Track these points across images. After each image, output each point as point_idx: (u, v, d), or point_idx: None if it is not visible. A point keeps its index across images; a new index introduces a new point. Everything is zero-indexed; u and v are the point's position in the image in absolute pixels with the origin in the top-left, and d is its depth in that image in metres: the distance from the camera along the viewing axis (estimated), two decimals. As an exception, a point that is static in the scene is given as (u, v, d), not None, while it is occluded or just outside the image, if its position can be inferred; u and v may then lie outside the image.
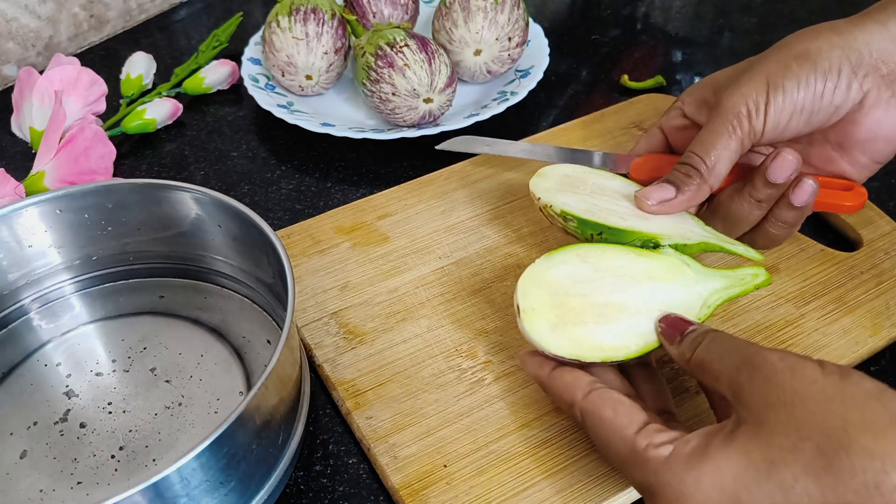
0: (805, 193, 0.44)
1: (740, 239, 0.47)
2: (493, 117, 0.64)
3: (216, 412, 0.44)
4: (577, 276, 0.41)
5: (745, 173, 0.45)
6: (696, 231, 0.45)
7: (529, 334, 0.40)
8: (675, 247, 0.43)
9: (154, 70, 0.68)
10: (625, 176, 0.50)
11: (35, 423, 0.44)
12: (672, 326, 0.39)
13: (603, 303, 0.41)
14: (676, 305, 0.41)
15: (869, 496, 0.29)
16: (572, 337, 0.39)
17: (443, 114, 0.61)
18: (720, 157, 0.43)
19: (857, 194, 0.46)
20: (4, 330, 0.48)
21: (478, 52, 0.63)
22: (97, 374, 0.46)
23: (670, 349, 0.39)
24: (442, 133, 0.61)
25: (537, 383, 0.41)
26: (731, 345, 0.36)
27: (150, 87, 0.68)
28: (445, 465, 0.41)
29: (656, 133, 0.51)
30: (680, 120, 0.49)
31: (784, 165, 0.43)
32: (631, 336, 0.40)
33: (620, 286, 0.41)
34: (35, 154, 0.58)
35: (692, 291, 0.41)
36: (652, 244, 0.43)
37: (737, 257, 0.45)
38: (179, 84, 0.68)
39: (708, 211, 0.47)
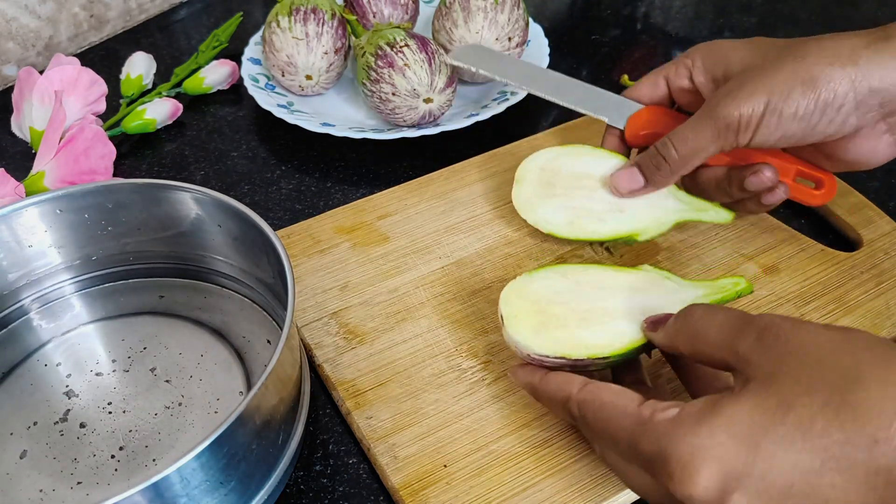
0: (775, 198, 0.47)
1: None
2: (493, 117, 0.64)
3: (216, 412, 0.44)
4: (558, 289, 0.42)
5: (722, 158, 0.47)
6: (671, 206, 0.48)
7: (514, 337, 0.40)
8: (650, 240, 0.49)
9: (154, 70, 0.68)
10: (621, 134, 0.51)
11: (35, 423, 0.44)
12: (657, 322, 0.40)
13: (585, 309, 0.41)
14: (658, 310, 0.41)
15: (890, 422, 0.29)
16: (556, 337, 0.40)
17: (443, 114, 0.61)
18: (695, 156, 0.45)
19: (828, 191, 0.48)
20: (4, 330, 0.48)
21: (478, 52, 0.63)
22: (97, 374, 0.46)
23: (656, 336, 0.39)
24: (442, 133, 0.61)
25: (530, 392, 0.41)
26: (727, 315, 0.36)
27: (150, 87, 0.68)
28: (445, 465, 0.41)
29: (661, 84, 0.51)
30: (686, 82, 0.49)
31: (762, 182, 0.46)
32: (615, 335, 0.40)
33: (602, 296, 0.42)
34: (35, 154, 0.58)
35: (674, 299, 0.42)
36: (631, 241, 0.49)
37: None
38: (179, 84, 0.68)
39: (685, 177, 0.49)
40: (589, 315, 0.41)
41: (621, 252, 0.52)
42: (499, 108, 0.61)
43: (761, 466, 0.30)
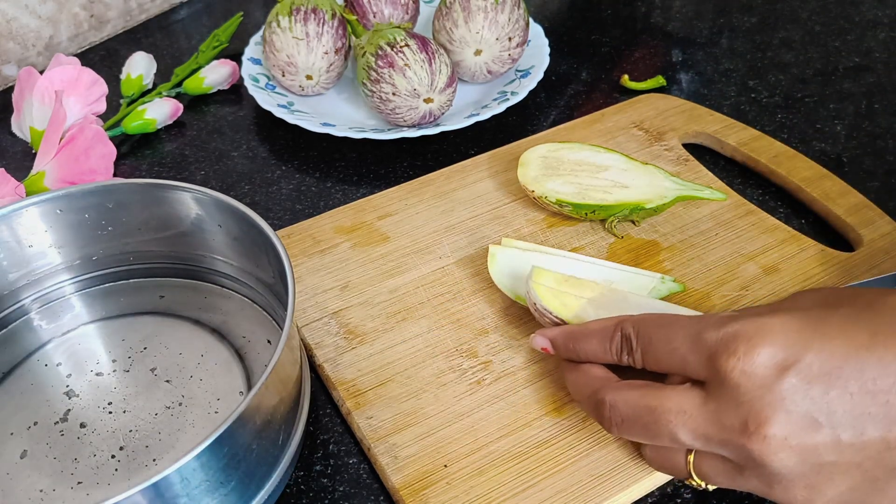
0: None
1: None
2: (494, 117, 0.64)
3: (216, 412, 0.44)
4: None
5: None
6: (669, 187, 0.52)
7: (535, 293, 0.43)
8: (657, 209, 0.51)
9: (154, 70, 0.69)
10: None
11: (35, 423, 0.44)
12: None
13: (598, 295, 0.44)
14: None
15: None
16: (570, 305, 0.43)
17: (443, 114, 0.61)
18: None
19: None
20: (4, 330, 0.48)
21: (478, 52, 0.63)
22: (97, 374, 0.46)
23: None
24: (442, 133, 0.61)
25: (564, 338, 0.41)
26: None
27: (150, 87, 0.68)
28: (446, 465, 0.41)
29: None
30: None
31: None
32: None
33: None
34: (35, 154, 0.58)
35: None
36: (639, 209, 0.51)
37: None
38: (180, 84, 0.68)
39: None
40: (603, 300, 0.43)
41: (620, 251, 0.52)
42: (499, 108, 0.61)
43: (818, 344, 0.32)
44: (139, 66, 0.67)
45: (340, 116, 0.64)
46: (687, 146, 0.60)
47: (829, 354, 0.32)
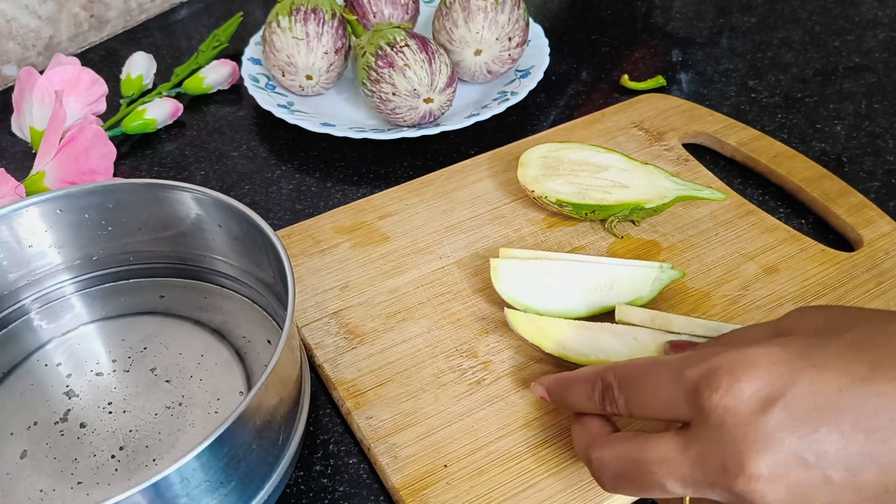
0: None
1: None
2: (494, 117, 0.64)
3: (216, 412, 0.44)
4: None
5: None
6: (669, 187, 0.52)
7: (511, 320, 0.44)
8: (657, 208, 0.51)
9: (154, 70, 0.69)
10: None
11: (35, 423, 0.44)
12: (681, 346, 0.41)
13: (579, 324, 0.44)
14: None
15: None
16: (549, 332, 0.43)
17: (443, 114, 0.61)
18: None
19: None
20: (4, 330, 0.48)
21: (478, 52, 0.63)
22: (97, 374, 0.46)
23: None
24: (442, 133, 0.61)
25: (555, 386, 0.39)
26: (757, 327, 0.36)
27: (150, 87, 0.68)
28: (445, 465, 0.41)
29: None
30: None
31: None
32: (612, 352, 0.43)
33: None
34: (35, 154, 0.58)
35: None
36: (639, 209, 0.51)
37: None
38: (180, 84, 0.68)
39: None
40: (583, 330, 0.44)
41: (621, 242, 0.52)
42: (499, 108, 0.61)
43: (809, 375, 0.30)
44: (139, 66, 0.67)
45: (340, 116, 0.64)
46: (687, 146, 0.60)
47: (821, 387, 0.30)
